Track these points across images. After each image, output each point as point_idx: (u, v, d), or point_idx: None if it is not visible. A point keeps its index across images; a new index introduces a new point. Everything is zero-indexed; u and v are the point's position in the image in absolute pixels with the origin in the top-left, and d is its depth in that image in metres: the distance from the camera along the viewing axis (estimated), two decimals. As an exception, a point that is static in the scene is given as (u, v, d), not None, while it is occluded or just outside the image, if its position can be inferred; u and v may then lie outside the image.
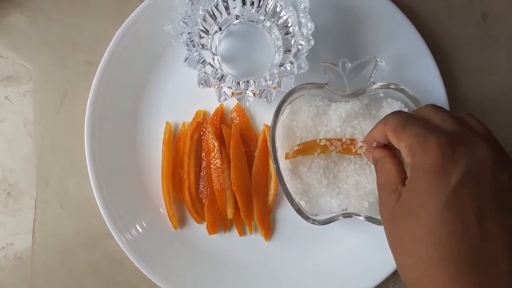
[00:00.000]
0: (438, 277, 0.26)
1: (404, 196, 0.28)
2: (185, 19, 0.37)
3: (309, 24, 0.37)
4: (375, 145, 0.34)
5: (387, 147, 0.33)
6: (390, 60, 0.43)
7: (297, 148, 0.38)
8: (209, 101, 0.43)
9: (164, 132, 0.43)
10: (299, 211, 0.37)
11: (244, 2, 0.41)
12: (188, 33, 0.36)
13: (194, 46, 0.36)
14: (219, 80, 0.36)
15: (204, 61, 0.36)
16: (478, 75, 0.45)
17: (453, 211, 0.26)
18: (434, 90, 0.42)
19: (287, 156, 0.38)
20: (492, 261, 0.25)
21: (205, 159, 0.42)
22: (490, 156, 0.27)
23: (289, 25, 0.40)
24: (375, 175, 0.33)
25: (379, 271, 0.41)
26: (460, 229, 0.25)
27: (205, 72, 0.36)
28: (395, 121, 0.30)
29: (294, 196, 0.38)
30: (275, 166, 0.37)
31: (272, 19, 0.41)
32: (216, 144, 0.41)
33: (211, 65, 0.36)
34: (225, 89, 0.39)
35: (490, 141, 0.28)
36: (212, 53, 0.42)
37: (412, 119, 0.30)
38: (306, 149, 0.38)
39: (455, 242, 0.25)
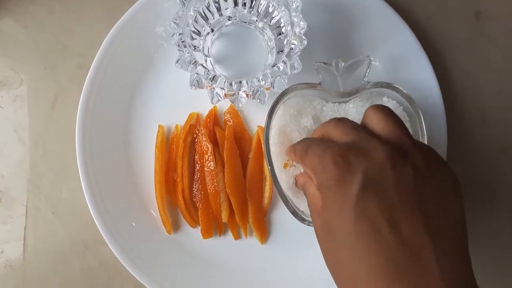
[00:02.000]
0: None
1: (323, 218, 0.28)
2: (176, 20, 0.36)
3: (301, 23, 0.36)
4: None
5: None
6: (384, 60, 0.43)
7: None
8: (202, 103, 0.42)
9: (157, 135, 0.42)
10: (295, 213, 0.36)
11: (236, 3, 0.41)
12: (179, 34, 0.36)
13: (185, 47, 0.36)
14: (211, 81, 0.35)
15: (195, 62, 0.35)
16: (473, 73, 0.45)
17: (364, 222, 0.25)
18: (429, 89, 0.42)
19: (285, 166, 0.38)
20: (420, 262, 0.24)
21: (199, 162, 0.42)
22: (387, 156, 0.26)
23: (281, 25, 0.40)
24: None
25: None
26: (375, 240, 0.25)
27: (197, 73, 0.36)
28: (300, 148, 0.31)
29: (289, 198, 0.37)
30: (269, 168, 0.37)
31: (265, 20, 0.41)
32: (209, 146, 0.41)
33: (203, 66, 0.36)
34: (217, 90, 0.38)
35: (390, 139, 0.28)
36: (205, 54, 0.41)
37: (314, 142, 0.30)
38: None
39: (375, 255, 0.25)
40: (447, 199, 0.26)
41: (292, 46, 0.36)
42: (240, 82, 0.36)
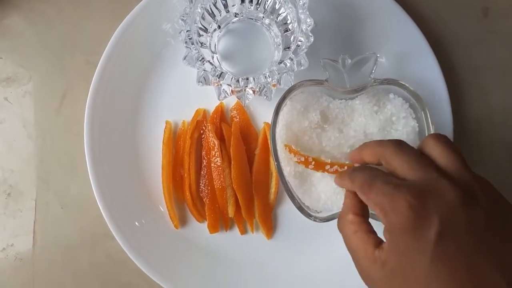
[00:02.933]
0: None
1: (390, 262, 0.28)
2: (183, 17, 0.36)
3: (308, 20, 0.36)
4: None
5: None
6: (390, 56, 0.43)
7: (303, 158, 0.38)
8: (209, 100, 0.43)
9: (164, 131, 0.43)
10: (301, 208, 0.37)
11: (243, 0, 0.41)
12: (187, 31, 0.36)
13: (193, 43, 0.36)
14: (218, 78, 0.36)
15: (203, 58, 0.36)
16: (479, 70, 0.45)
17: (441, 266, 0.26)
18: (435, 86, 0.42)
19: (290, 149, 0.38)
20: None
21: (206, 158, 0.42)
22: (458, 198, 0.26)
23: (288, 22, 0.40)
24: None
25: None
26: (452, 282, 0.25)
27: (204, 70, 0.36)
28: (360, 179, 0.30)
29: (295, 193, 0.37)
30: (276, 163, 0.37)
31: (271, 16, 0.41)
32: (216, 142, 0.41)
33: (210, 62, 0.36)
34: (224, 86, 0.39)
35: (454, 176, 0.28)
36: (212, 51, 0.41)
37: (377, 176, 0.29)
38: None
39: None
40: None
41: (299, 43, 0.37)
42: (247, 79, 0.36)
